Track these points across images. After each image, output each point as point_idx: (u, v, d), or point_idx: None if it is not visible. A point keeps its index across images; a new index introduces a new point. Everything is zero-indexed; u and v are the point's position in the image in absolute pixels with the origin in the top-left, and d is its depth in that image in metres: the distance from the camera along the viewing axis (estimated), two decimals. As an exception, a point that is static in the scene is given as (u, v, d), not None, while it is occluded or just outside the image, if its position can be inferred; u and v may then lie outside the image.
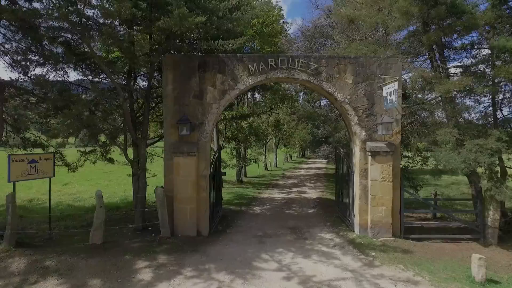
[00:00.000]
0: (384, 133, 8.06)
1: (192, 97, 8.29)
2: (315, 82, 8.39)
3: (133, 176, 8.58)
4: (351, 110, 8.46)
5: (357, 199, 8.59)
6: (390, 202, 8.30)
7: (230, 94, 8.34)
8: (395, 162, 8.41)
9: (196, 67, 8.29)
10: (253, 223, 9.93)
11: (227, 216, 10.72)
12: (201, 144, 8.30)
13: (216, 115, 8.34)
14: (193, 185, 8.11)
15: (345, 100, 8.43)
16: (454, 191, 20.94)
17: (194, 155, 8.11)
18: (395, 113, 8.44)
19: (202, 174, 8.30)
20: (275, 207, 12.59)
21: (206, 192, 8.36)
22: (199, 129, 8.31)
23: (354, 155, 8.87)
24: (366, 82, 8.45)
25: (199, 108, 8.31)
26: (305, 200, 14.75)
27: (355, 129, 8.53)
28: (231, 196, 15.18)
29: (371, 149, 8.24)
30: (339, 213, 10.50)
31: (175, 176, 8.13)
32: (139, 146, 8.47)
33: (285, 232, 9.11)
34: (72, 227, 8.97)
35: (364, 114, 8.47)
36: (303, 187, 19.74)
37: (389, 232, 8.32)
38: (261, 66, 8.30)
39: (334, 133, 14.31)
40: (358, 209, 8.52)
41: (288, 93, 28.18)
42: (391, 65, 8.42)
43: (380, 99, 8.44)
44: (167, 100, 8.28)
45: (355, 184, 8.75)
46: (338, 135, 13.67)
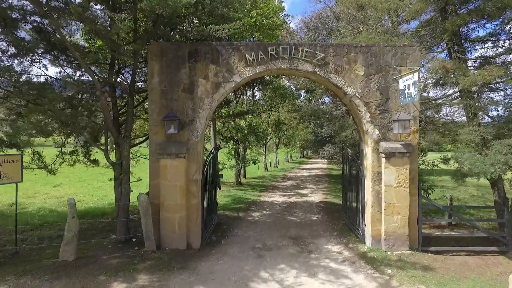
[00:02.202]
0: (401, 132, 7.05)
1: (182, 90, 7.28)
2: (322, 74, 7.38)
3: (115, 180, 7.57)
4: (362, 105, 7.44)
5: (369, 206, 7.57)
6: (406, 211, 7.29)
7: (224, 88, 7.32)
8: (412, 165, 7.40)
9: (186, 57, 7.27)
10: (251, 232, 8.92)
11: (222, 223, 9.71)
12: (192, 144, 7.29)
13: (209, 111, 7.33)
14: (183, 191, 7.10)
15: (355, 95, 7.42)
16: (462, 194, 19.96)
17: (184, 157, 7.10)
18: (413, 109, 7.43)
19: (192, 179, 7.29)
20: (276, 213, 11.58)
21: (197, 198, 7.35)
22: (189, 127, 7.29)
23: (365, 156, 7.86)
24: (380, 74, 7.44)
25: (189, 103, 7.29)
26: (307, 204, 13.74)
27: (366, 128, 7.52)
28: (229, 199, 14.17)
29: (386, 150, 7.22)
30: (346, 220, 9.49)
31: (161, 181, 7.12)
32: (121, 146, 7.45)
33: (287, 243, 8.10)
34: (47, 238, 7.97)
35: (377, 111, 7.45)
36: (305, 189, 18.75)
37: (406, 245, 7.31)
38: (260, 56, 7.29)
39: (340, 132, 13.27)
40: (370, 218, 7.51)
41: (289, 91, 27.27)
42: (408, 54, 7.41)
43: (395, 93, 7.42)
44: (153, 94, 7.27)
45: (367, 189, 7.74)
46: (344, 134, 12.64)
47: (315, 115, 15.10)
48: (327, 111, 13.64)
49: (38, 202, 13.63)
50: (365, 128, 7.59)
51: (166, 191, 7.10)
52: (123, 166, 7.47)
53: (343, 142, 13.46)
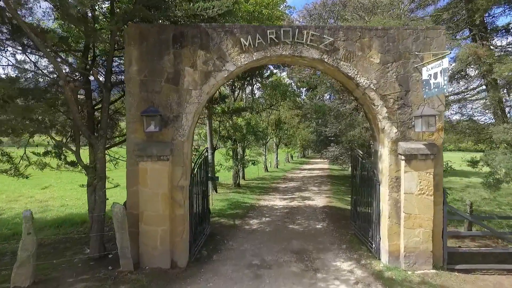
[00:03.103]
0: (424, 130, 5.94)
1: (165, 81, 6.18)
2: (330, 61, 6.27)
3: (88, 187, 6.47)
4: (378, 99, 6.33)
5: (385, 217, 6.47)
6: (430, 223, 6.19)
7: (216, 77, 6.22)
8: (437, 169, 6.29)
9: (170, 41, 6.17)
10: (248, 245, 7.81)
11: (216, 234, 8.60)
12: (177, 145, 6.19)
13: (197, 105, 6.22)
14: (166, 199, 6.00)
15: (370, 86, 6.31)
16: (472, 196, 18.77)
17: (167, 159, 6.00)
18: (437, 103, 6.32)
19: (178, 185, 6.19)
20: (276, 220, 10.47)
21: (184, 208, 6.25)
22: (173, 125, 6.19)
23: (381, 158, 6.75)
24: (398, 62, 6.33)
25: (173, 96, 6.19)
26: (310, 209, 12.64)
27: (383, 125, 6.41)
28: (225, 204, 13.06)
29: (406, 151, 6.12)
30: (356, 231, 8.38)
31: (141, 188, 6.02)
32: (95, 147, 6.35)
33: (289, 258, 6.99)
34: (10, 253, 6.86)
35: (395, 105, 6.34)
36: (306, 192, 17.65)
37: (429, 263, 6.21)
38: (257, 40, 6.18)
39: (347, 131, 12.14)
40: (386, 230, 6.40)
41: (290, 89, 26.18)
42: (432, 39, 6.30)
43: (416, 85, 6.32)
44: (131, 85, 6.16)
45: (382, 197, 6.64)
46: (352, 133, 11.52)
47: (320, 112, 13.93)
48: (333, 107, 12.48)
49: (18, 207, 12.54)
50: (380, 125, 6.49)
51: (146, 200, 6.00)
52: (97, 170, 6.37)
53: (350, 142, 12.35)
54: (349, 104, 10.83)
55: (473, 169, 7.61)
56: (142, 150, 5.96)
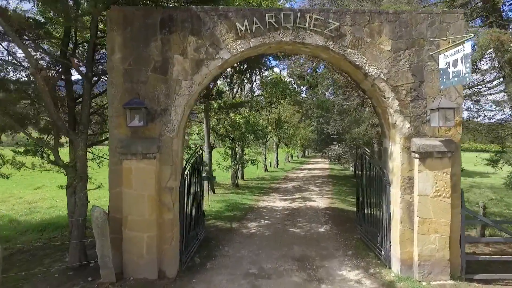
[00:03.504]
0: (441, 125, 5.30)
1: (152, 70, 5.55)
2: (336, 48, 5.64)
3: (68, 188, 5.84)
4: (388, 90, 5.70)
5: (396, 221, 5.84)
6: (447, 228, 5.56)
7: (208, 66, 5.59)
8: (454, 168, 5.66)
9: (157, 26, 5.54)
10: (245, 251, 7.18)
11: (211, 238, 7.97)
12: (165, 141, 5.56)
13: (188, 97, 5.59)
14: (152, 202, 5.37)
15: (380, 76, 5.68)
16: (478, 196, 18.15)
17: (153, 158, 5.37)
18: (454, 94, 5.69)
19: (166, 186, 5.56)
20: (276, 223, 9.84)
21: (173, 212, 5.62)
22: (161, 119, 5.56)
23: (391, 157, 6.12)
24: (411, 50, 5.69)
25: (161, 87, 5.56)
26: (312, 210, 12.01)
27: (394, 119, 5.78)
28: (222, 205, 12.43)
29: (420, 148, 5.49)
30: (362, 235, 7.75)
31: (124, 189, 5.39)
32: (75, 143, 5.72)
33: (290, 266, 6.37)
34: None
35: (408, 97, 5.71)
36: (307, 192, 17.03)
37: (446, 272, 5.57)
38: (254, 25, 5.55)
39: (351, 128, 11.45)
40: (398, 236, 5.77)
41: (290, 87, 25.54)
42: (449, 24, 5.67)
43: (431, 75, 5.69)
44: (114, 75, 5.53)
45: (393, 200, 6.01)
46: (356, 130, 10.85)
47: (323, 107, 13.22)
48: (336, 102, 11.79)
49: (4, 208, 11.91)
50: (391, 120, 5.85)
51: (130, 203, 5.37)
52: (77, 169, 5.74)
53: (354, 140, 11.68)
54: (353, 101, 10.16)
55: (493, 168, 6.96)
56: (125, 147, 5.33)
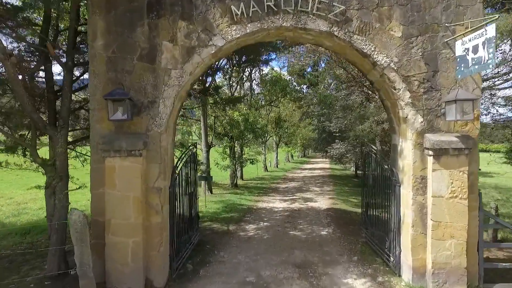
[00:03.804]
0: (458, 118, 4.77)
1: (138, 58, 5.03)
2: (341, 35, 5.11)
3: (46, 188, 5.32)
4: (399, 81, 5.18)
5: (407, 225, 5.31)
6: (464, 233, 5.03)
7: (200, 54, 5.06)
8: (472, 167, 5.14)
9: (144, 9, 5.01)
10: (242, 256, 6.65)
11: (205, 242, 7.44)
12: (153, 137, 5.04)
13: (178, 88, 5.07)
14: (138, 204, 4.85)
15: (390, 65, 5.15)
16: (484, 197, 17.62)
17: (139, 155, 4.84)
18: (472, 85, 5.17)
19: (154, 186, 5.04)
20: (276, 225, 9.32)
21: (161, 214, 5.09)
22: (148, 112, 5.04)
23: (402, 154, 5.60)
24: (425, 36, 5.17)
25: (148, 77, 5.04)
26: (313, 212, 11.49)
27: (405, 113, 5.25)
28: (219, 206, 11.91)
29: (435, 145, 4.96)
30: (368, 239, 7.23)
31: (107, 190, 4.87)
32: (54, 139, 5.20)
33: (291, 274, 5.85)
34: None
35: (420, 88, 5.18)
36: (308, 192, 16.51)
37: (463, 281, 5.05)
38: (252, 9, 5.03)
39: (355, 125, 10.89)
40: (409, 242, 5.24)
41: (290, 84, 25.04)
42: (466, 8, 5.14)
43: (446, 63, 5.16)
44: (96, 64, 5.01)
45: (404, 201, 5.48)
46: (361, 127, 10.30)
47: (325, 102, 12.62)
48: (340, 97, 11.21)
49: (-8, 209, 11.40)
50: (402, 113, 5.33)
51: (114, 205, 4.85)
52: (57, 168, 5.22)
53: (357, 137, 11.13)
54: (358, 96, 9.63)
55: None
56: (108, 144, 4.81)
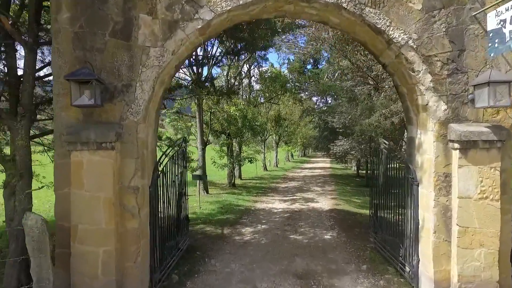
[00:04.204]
0: (492, 104, 3.99)
1: (110, 34, 4.25)
2: (351, 7, 4.34)
3: (5, 188, 4.55)
4: (419, 62, 4.41)
5: (428, 231, 4.55)
6: (496, 240, 4.26)
7: (185, 30, 4.29)
8: (504, 163, 4.36)
9: (117, -24, 4.25)
10: (236, 265, 5.88)
11: (196, 248, 6.68)
12: (128, 127, 4.27)
13: (159, 69, 4.30)
14: (110, 206, 4.08)
15: (408, 43, 4.38)
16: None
17: (111, 148, 4.07)
18: (505, 67, 4.40)
19: (130, 185, 4.27)
20: (275, 228, 8.56)
21: (139, 218, 4.32)
22: (122, 97, 4.27)
23: (420, 149, 4.83)
24: (449, 9, 4.39)
25: (123, 56, 4.26)
26: (315, 213, 10.74)
27: (426, 99, 4.48)
28: (215, 207, 11.15)
29: (462, 136, 4.19)
30: (378, 245, 6.46)
31: (74, 190, 4.10)
32: (13, 131, 4.44)
33: (291, 286, 5.09)
34: None
35: (444, 70, 4.41)
36: (309, 192, 15.80)
37: (494, 298, 4.28)
38: (245, -25, 4.26)
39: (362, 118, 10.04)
40: (430, 250, 4.47)
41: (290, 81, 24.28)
42: (497, -25, 4.37)
43: (475, 41, 4.39)
44: (60, 40, 4.24)
45: (423, 203, 4.71)
46: (367, 121, 9.49)
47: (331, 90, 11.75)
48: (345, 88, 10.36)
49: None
50: (421, 100, 4.56)
51: (81, 208, 4.08)
52: (17, 164, 4.45)
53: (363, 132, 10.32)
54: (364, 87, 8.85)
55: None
56: (74, 135, 4.04)
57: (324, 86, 12.32)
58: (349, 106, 11.05)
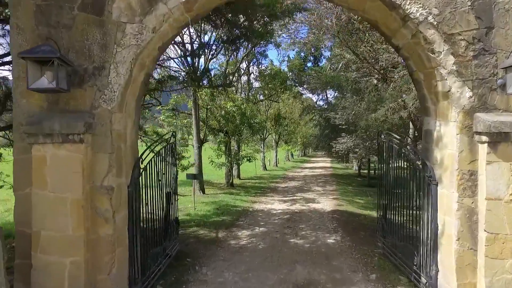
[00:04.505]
0: (528, 89, 3.39)
1: (80, 8, 3.64)
2: (360, -23, 3.73)
3: (-40, 187, 3.93)
4: (440, 41, 3.79)
5: (449, 238, 3.93)
6: (530, 249, 3.66)
7: (167, 3, 3.68)
8: (539, 158, 3.76)
9: None
10: (229, 274, 5.26)
11: (186, 254, 6.05)
12: (101, 116, 3.66)
13: (137, 49, 3.69)
14: (78, 210, 3.47)
15: (427, 19, 3.77)
16: None
17: (80, 141, 3.46)
18: (539, 47, 3.79)
19: (103, 185, 3.66)
20: (273, 231, 7.94)
21: (113, 224, 3.71)
22: (94, 82, 3.65)
23: (440, 142, 4.21)
24: (474, -21, 3.79)
25: (94, 34, 3.65)
26: (317, 214, 10.13)
27: (447, 85, 3.87)
28: (210, 208, 10.55)
29: (491, 127, 3.57)
30: (387, 251, 5.84)
31: (36, 190, 3.49)
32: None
33: (291, 299, 4.48)
34: None
35: (469, 51, 3.80)
36: (310, 192, 15.20)
37: (528, 317, 3.67)
38: None
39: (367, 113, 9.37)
40: (453, 260, 3.86)
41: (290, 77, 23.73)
42: None
43: (505, 17, 3.78)
44: (20, 15, 3.62)
45: (443, 205, 4.10)
46: (374, 115, 8.83)
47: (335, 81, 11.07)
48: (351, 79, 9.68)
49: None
50: (442, 86, 3.95)
51: (44, 211, 3.48)
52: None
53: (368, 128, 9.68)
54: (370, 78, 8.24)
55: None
56: (35, 125, 3.43)
57: (327, 77, 11.63)
58: (353, 101, 10.40)
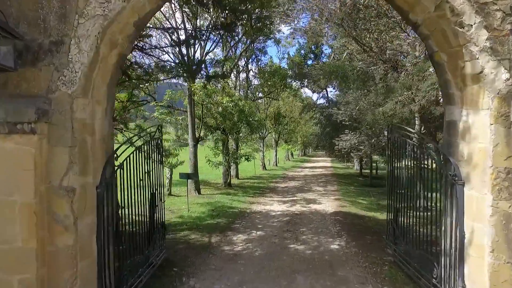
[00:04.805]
0: None
1: (34, -31, 3.01)
2: None
3: None
4: (470, 12, 3.15)
5: (481, 249, 3.29)
6: None
7: (140, -35, 3.05)
8: None
9: None
10: (220, 286, 4.62)
11: (173, 263, 5.40)
12: (59, 102, 3.02)
13: (104, 20, 3.04)
14: (30, 216, 2.83)
15: (454, -15, 3.13)
16: None
17: (32, 132, 2.82)
18: None
19: (61, 185, 3.02)
20: (271, 235, 7.30)
21: (76, 232, 3.07)
22: (50, 60, 3.01)
23: (467, 135, 3.56)
24: None
25: (50, 2, 3.01)
26: (318, 216, 9.51)
27: (479, 65, 3.22)
28: (205, 210, 9.92)
29: (534, 115, 2.93)
30: (398, 259, 5.18)
31: (-23, 192, 2.86)
32: None
33: (291, 319, 3.83)
34: None
35: (506, 24, 3.15)
36: (310, 193, 14.59)
37: None
38: None
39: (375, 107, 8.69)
40: (486, 275, 3.21)
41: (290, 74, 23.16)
42: None
43: (549, -18, 3.14)
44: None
45: (472, 209, 3.45)
46: (381, 109, 8.16)
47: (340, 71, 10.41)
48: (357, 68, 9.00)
49: None
50: (471, 67, 3.30)
51: (-12, 218, 2.84)
52: None
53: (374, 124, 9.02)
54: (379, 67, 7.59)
55: None
56: (-24, 111, 2.79)
57: (331, 66, 10.91)
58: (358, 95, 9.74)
